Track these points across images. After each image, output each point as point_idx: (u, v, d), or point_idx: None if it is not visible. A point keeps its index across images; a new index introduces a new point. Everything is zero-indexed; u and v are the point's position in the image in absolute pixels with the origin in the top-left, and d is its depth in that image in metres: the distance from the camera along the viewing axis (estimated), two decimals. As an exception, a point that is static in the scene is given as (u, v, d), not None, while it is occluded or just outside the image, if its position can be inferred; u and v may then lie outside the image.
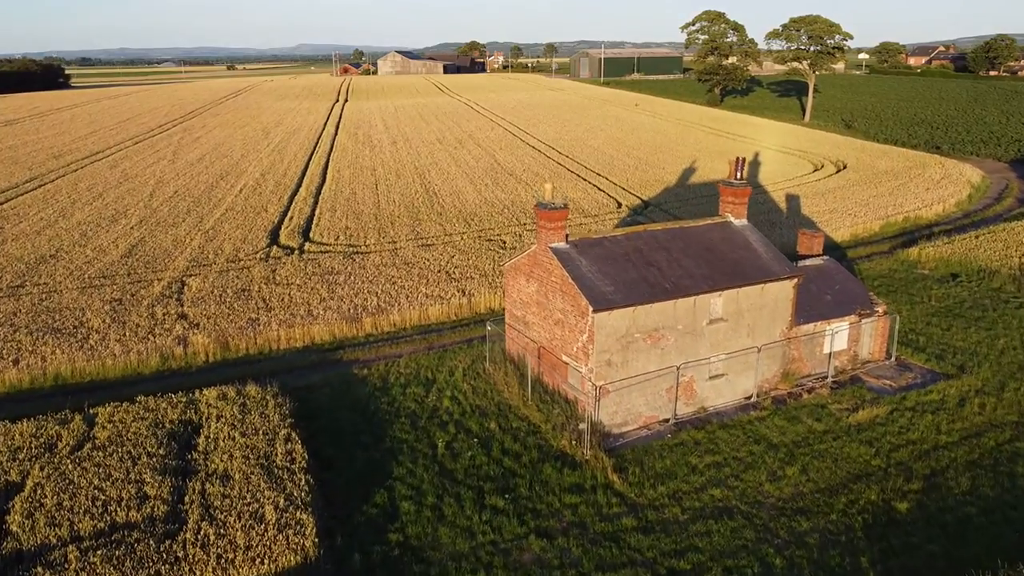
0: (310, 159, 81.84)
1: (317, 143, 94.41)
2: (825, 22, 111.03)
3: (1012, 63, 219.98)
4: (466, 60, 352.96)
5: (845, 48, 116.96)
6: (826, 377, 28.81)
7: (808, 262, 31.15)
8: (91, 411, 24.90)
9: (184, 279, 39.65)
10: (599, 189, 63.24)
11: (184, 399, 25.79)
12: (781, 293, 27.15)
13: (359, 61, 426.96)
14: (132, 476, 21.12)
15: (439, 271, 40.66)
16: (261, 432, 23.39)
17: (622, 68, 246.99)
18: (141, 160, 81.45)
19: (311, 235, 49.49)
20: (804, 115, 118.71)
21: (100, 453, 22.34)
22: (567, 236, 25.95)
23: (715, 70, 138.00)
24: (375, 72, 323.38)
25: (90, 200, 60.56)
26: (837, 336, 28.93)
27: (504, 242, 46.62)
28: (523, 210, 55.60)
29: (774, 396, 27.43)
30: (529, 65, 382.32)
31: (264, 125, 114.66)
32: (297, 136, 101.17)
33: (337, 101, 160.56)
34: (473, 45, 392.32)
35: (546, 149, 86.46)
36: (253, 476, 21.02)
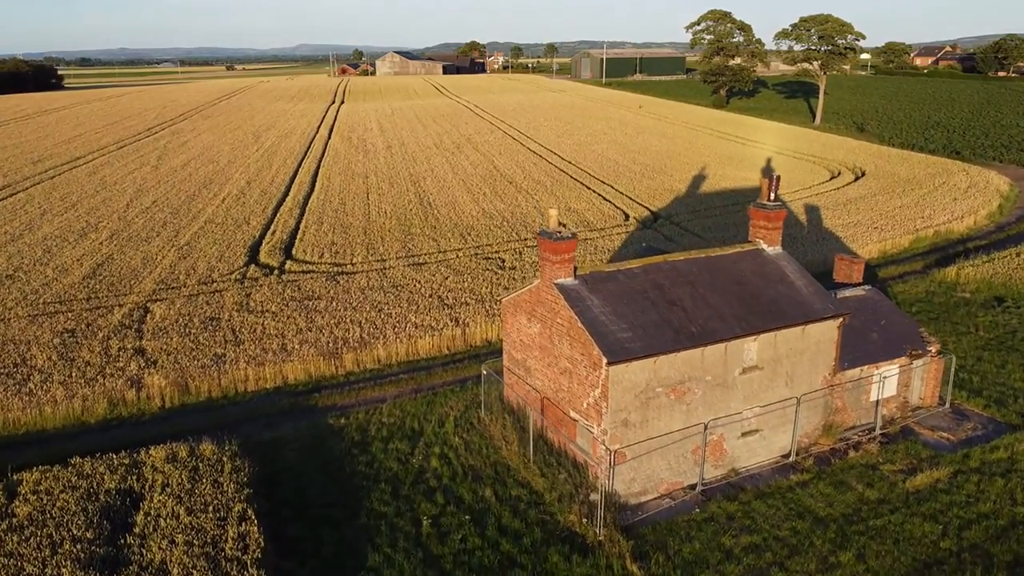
0: (300, 165, 77.99)
1: (309, 147, 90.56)
2: (837, 21, 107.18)
3: (1021, 63, 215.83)
4: (466, 60, 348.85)
5: (857, 48, 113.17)
6: (873, 429, 24.98)
7: (848, 293, 27.29)
8: (14, 477, 21.11)
9: (148, 304, 35.84)
10: (605, 199, 59.38)
11: (127, 461, 21.96)
12: (824, 335, 23.33)
13: (357, 61, 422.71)
14: (49, 571, 17.37)
15: (431, 295, 36.83)
16: (211, 509, 19.58)
17: (624, 68, 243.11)
18: (123, 166, 77.61)
19: (294, 252, 45.64)
20: (815, 118, 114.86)
21: (15, 537, 18.52)
22: (575, 269, 22.14)
23: (721, 71, 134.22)
24: (373, 73, 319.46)
25: (62, 211, 56.75)
26: (886, 382, 25.11)
27: (503, 261, 42.77)
28: (524, 223, 51.76)
29: (815, 454, 23.62)
30: (529, 66, 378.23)
31: (256, 128, 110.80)
32: (288, 140, 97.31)
33: (333, 103, 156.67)
34: (473, 45, 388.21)
35: (547, 154, 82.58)
36: (196, 572, 17.25)
